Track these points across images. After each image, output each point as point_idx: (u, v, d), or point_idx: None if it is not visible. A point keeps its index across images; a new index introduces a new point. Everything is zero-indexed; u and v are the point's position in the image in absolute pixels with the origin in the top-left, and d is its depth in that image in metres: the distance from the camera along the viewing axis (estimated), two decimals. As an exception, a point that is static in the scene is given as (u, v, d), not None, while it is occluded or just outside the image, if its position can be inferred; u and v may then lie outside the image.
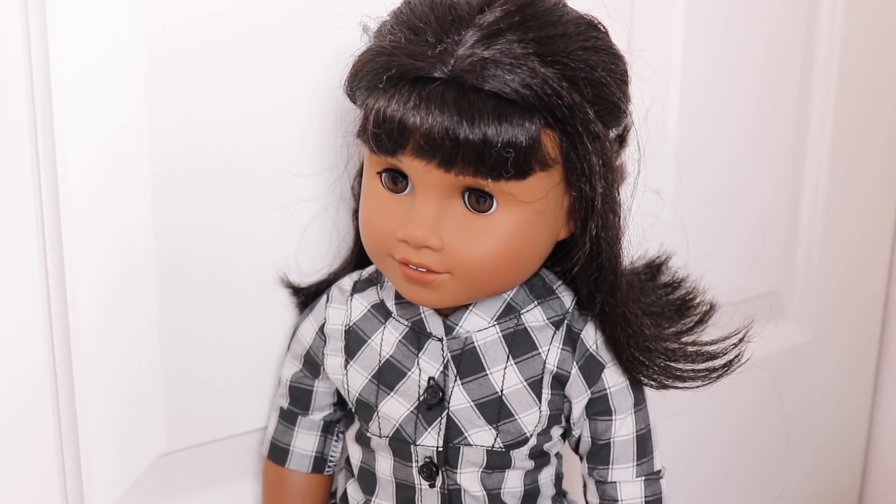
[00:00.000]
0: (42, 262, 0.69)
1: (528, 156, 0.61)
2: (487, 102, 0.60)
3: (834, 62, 1.04)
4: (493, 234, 0.64)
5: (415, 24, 0.62)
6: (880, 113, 1.11)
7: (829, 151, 1.06)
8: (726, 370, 0.71)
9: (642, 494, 0.71)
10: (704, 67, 0.93)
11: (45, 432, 0.72)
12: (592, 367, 0.69)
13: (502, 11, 0.61)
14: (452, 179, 0.62)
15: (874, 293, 1.19)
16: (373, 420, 0.71)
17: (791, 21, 0.99)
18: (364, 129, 0.63)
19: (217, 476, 0.80)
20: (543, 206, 0.64)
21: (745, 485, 1.14)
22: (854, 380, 1.21)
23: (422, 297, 0.66)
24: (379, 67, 0.62)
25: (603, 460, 0.71)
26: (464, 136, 0.59)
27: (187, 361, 0.75)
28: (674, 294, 0.77)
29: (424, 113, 0.60)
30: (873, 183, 1.13)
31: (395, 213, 0.65)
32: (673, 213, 0.89)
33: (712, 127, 0.95)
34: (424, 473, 0.71)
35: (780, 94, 1.00)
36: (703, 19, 0.91)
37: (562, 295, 0.71)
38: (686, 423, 1.00)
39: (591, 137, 0.63)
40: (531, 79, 0.60)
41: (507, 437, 0.69)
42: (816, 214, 1.08)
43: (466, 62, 0.60)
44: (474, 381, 0.69)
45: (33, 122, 0.66)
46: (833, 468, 1.23)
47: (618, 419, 0.70)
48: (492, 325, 0.69)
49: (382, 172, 0.65)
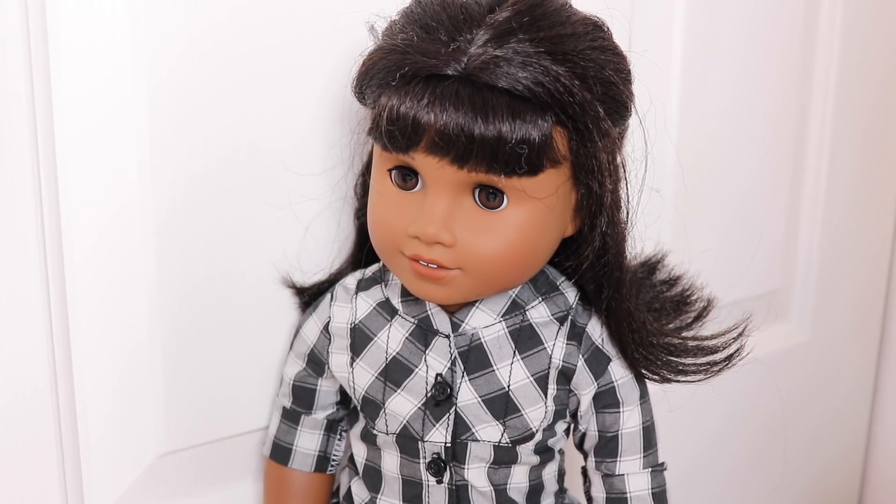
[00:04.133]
0: (42, 261, 0.69)
1: (541, 152, 0.62)
2: (501, 99, 0.60)
3: (834, 61, 1.05)
4: (503, 231, 0.64)
5: (427, 23, 0.63)
6: (881, 112, 1.12)
7: (829, 150, 1.07)
8: (727, 364, 0.73)
9: (649, 486, 0.72)
10: (704, 67, 0.94)
11: (45, 432, 0.71)
12: (599, 360, 0.70)
13: (513, 11, 0.62)
14: (465, 176, 0.63)
15: (874, 293, 1.20)
16: (379, 417, 0.72)
17: (791, 20, 1.00)
18: (376, 127, 0.63)
19: (217, 476, 0.80)
20: (553, 203, 0.65)
21: (744, 483, 1.15)
22: (854, 379, 1.22)
23: (432, 293, 0.66)
24: (392, 65, 0.62)
25: (611, 453, 0.72)
26: (478, 133, 0.60)
27: (187, 361, 0.75)
28: (671, 291, 0.78)
29: (439, 110, 0.60)
30: (873, 182, 1.14)
31: (406, 210, 0.65)
32: (673, 212, 0.90)
33: (712, 126, 0.96)
34: (432, 469, 0.71)
35: (780, 94, 1.01)
36: (702, 19, 0.93)
37: (565, 291, 0.72)
38: (685, 421, 1.00)
39: (601, 135, 0.64)
40: (543, 76, 0.61)
41: (514, 432, 0.70)
42: (816, 214, 1.09)
43: (479, 60, 0.61)
44: (481, 377, 0.70)
45: (33, 120, 0.66)
46: (833, 467, 1.24)
47: (626, 411, 0.71)
48: (498, 322, 0.70)
49: (393, 170, 0.66)
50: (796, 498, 1.21)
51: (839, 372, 1.19)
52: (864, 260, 1.17)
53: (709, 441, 1.09)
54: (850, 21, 1.04)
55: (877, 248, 1.18)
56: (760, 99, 1.00)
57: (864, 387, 1.23)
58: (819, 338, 1.15)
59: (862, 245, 1.16)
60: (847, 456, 1.25)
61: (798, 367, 1.14)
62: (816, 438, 1.20)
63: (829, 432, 1.21)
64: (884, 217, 1.18)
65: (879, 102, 1.11)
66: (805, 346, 1.14)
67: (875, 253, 1.18)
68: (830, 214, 1.10)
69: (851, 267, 1.16)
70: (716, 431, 1.09)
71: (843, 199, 1.11)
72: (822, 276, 1.12)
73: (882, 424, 1.25)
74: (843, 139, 1.09)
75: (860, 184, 1.13)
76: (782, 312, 1.11)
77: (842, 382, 1.20)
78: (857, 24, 1.05)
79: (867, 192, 1.14)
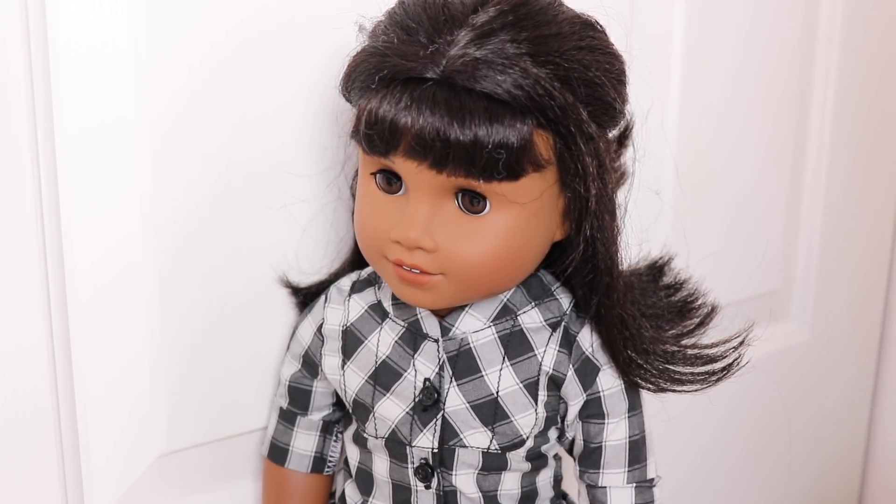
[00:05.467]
0: (42, 261, 0.69)
1: (520, 157, 0.61)
2: (479, 103, 0.59)
3: (835, 61, 1.03)
4: (486, 236, 0.63)
5: (408, 25, 0.62)
6: (881, 112, 1.10)
7: (829, 151, 1.06)
8: (725, 374, 0.71)
9: (632, 501, 0.70)
10: (704, 67, 0.92)
11: (45, 432, 0.72)
12: (588, 370, 0.69)
13: (496, 11, 0.61)
14: (444, 180, 0.62)
15: (874, 293, 1.18)
16: (369, 421, 0.71)
17: (791, 20, 0.98)
18: (357, 130, 0.63)
19: (217, 476, 0.80)
20: (537, 208, 0.64)
21: (745, 484, 1.14)
22: (854, 379, 1.20)
23: (416, 298, 0.66)
24: (371, 68, 0.62)
25: (594, 464, 0.70)
26: (454, 137, 0.59)
27: (187, 361, 0.75)
28: (675, 296, 0.77)
29: (416, 114, 0.60)
30: (874, 183, 1.13)
31: (390, 214, 0.65)
32: (672, 214, 0.89)
33: (712, 127, 0.95)
34: (420, 475, 0.71)
35: (780, 94, 1.00)
36: (702, 19, 0.91)
37: (559, 297, 0.71)
38: (685, 423, 0.99)
39: (585, 138, 0.62)
40: (523, 79, 0.59)
41: (503, 438, 0.69)
42: (816, 214, 1.08)
43: (458, 63, 0.60)
44: (470, 383, 0.69)
45: (33, 122, 0.67)
46: (833, 467, 1.22)
47: (610, 423, 0.70)
48: (488, 327, 0.69)
49: (377, 173, 0.65)
50: (797, 498, 1.19)
51: (839, 372, 1.18)
52: (863, 260, 1.15)
53: (710, 443, 1.08)
54: (850, 22, 1.02)
55: (876, 248, 1.17)
56: (760, 100, 0.98)
57: (864, 387, 1.22)
58: (819, 338, 1.14)
59: (861, 245, 1.14)
60: (847, 456, 1.23)
61: (798, 368, 1.13)
62: (816, 439, 1.18)
63: (829, 432, 1.20)
64: (883, 217, 1.16)
65: (879, 103, 1.09)
66: (805, 346, 1.13)
67: (875, 253, 1.17)
68: (830, 215, 1.09)
69: (851, 267, 1.14)
70: (716, 433, 1.08)
71: (842, 200, 1.09)
72: (822, 276, 1.11)
73: (882, 424, 1.23)
74: (842, 139, 1.07)
75: (860, 184, 1.11)
76: (782, 313, 1.09)
77: (842, 383, 1.19)
78: (856, 24, 1.03)
79: (867, 192, 1.12)
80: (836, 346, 1.16)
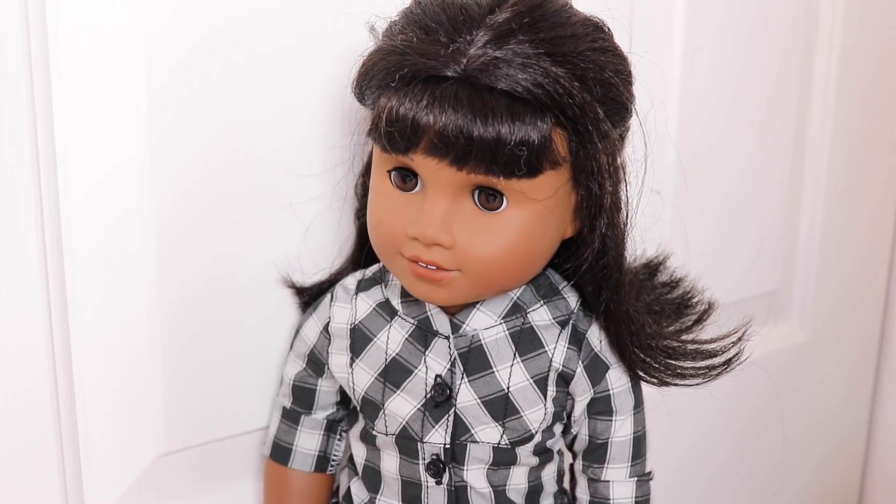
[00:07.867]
0: (42, 261, 0.69)
1: (540, 154, 0.62)
2: (500, 101, 0.60)
3: (834, 61, 1.05)
4: (502, 232, 0.64)
5: (426, 24, 0.63)
6: (881, 113, 1.12)
7: (829, 151, 1.07)
8: (726, 368, 0.73)
9: (633, 494, 0.72)
10: (704, 68, 0.94)
11: (45, 432, 0.71)
12: (597, 367, 0.70)
13: (513, 12, 0.62)
14: (464, 177, 0.63)
15: (874, 293, 1.20)
16: (379, 418, 0.72)
17: (791, 21, 1.00)
18: (376, 128, 0.63)
19: (217, 476, 0.80)
20: (552, 204, 0.65)
21: (745, 484, 1.15)
22: (854, 379, 1.22)
23: (431, 294, 0.66)
24: (391, 66, 0.62)
25: (599, 459, 0.72)
26: (478, 135, 0.60)
27: (187, 361, 0.75)
28: (672, 293, 0.78)
29: (438, 111, 0.60)
30: (873, 182, 1.14)
31: (405, 211, 0.65)
32: (673, 214, 0.90)
33: (712, 127, 0.96)
34: (431, 471, 0.71)
35: (780, 94, 1.01)
36: (703, 20, 0.92)
37: (567, 295, 0.72)
38: (685, 422, 1.01)
39: (601, 136, 0.63)
40: (543, 78, 0.61)
41: (513, 433, 0.70)
42: (816, 214, 1.09)
43: (479, 61, 0.60)
44: (481, 379, 0.70)
45: (33, 121, 0.66)
46: (833, 467, 1.23)
47: (618, 420, 0.71)
48: (499, 324, 0.70)
49: (392, 171, 0.66)
50: (796, 497, 1.21)
51: (839, 372, 1.19)
52: (863, 260, 1.17)
53: (708, 442, 1.09)
54: (852, 21, 1.04)
55: (876, 248, 1.18)
56: (760, 100, 1.00)
57: (864, 387, 1.23)
58: (819, 338, 1.15)
59: (862, 245, 1.16)
60: (847, 456, 1.25)
61: (798, 368, 1.14)
62: (816, 438, 1.20)
63: (828, 432, 1.21)
64: (883, 217, 1.18)
65: (879, 103, 1.11)
66: (805, 346, 1.14)
67: (875, 253, 1.18)
68: (830, 215, 1.10)
69: (851, 267, 1.15)
70: (715, 432, 1.09)
71: (842, 200, 1.11)
72: (821, 276, 1.12)
73: (882, 424, 1.25)
74: (842, 139, 1.08)
75: (860, 184, 1.13)
76: (782, 312, 1.11)
77: (841, 383, 1.20)
78: (858, 24, 1.05)
79: (867, 192, 1.14)
80: (836, 346, 1.17)
